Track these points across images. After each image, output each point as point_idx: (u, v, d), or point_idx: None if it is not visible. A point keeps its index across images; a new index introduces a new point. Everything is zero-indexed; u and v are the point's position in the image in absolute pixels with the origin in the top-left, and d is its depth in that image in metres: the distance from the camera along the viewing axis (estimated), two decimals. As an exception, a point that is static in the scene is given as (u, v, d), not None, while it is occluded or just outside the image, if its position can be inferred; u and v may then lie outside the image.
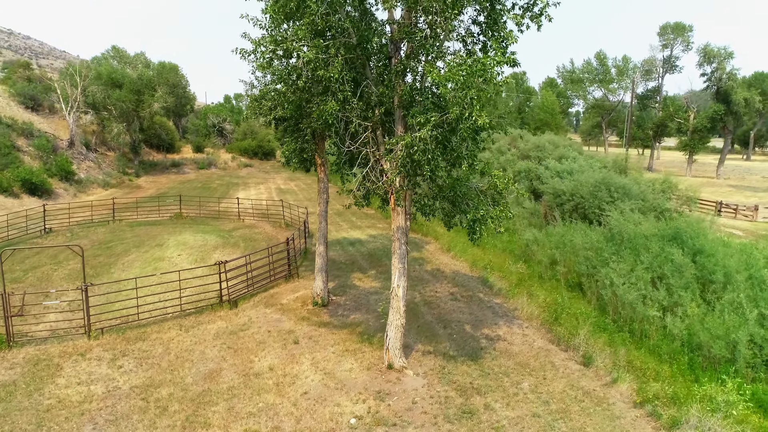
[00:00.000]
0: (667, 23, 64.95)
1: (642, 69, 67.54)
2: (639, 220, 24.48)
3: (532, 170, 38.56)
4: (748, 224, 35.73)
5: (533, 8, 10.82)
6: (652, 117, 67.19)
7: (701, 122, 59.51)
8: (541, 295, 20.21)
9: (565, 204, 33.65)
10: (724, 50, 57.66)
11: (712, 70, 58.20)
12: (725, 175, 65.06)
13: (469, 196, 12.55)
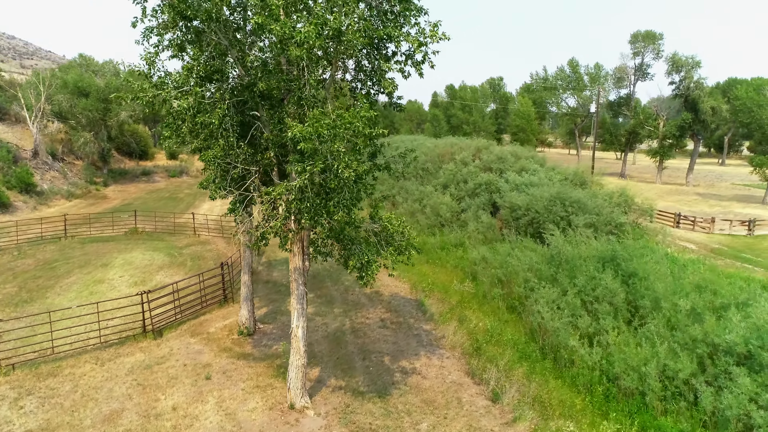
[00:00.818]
0: (638, 31, 65.36)
1: (614, 76, 67.96)
2: (581, 239, 24.57)
3: (492, 183, 38.59)
4: (704, 237, 36.02)
5: (414, 56, 10.79)
6: (624, 124, 67.61)
7: (670, 130, 59.97)
8: (474, 320, 20.21)
9: (521, 219, 33.73)
10: (692, 59, 58.13)
11: (681, 78, 58.68)
12: (695, 181, 65.63)
13: (357, 241, 12.48)
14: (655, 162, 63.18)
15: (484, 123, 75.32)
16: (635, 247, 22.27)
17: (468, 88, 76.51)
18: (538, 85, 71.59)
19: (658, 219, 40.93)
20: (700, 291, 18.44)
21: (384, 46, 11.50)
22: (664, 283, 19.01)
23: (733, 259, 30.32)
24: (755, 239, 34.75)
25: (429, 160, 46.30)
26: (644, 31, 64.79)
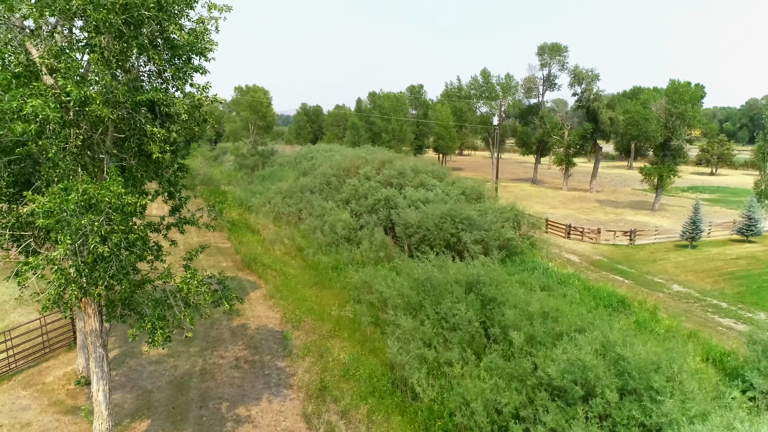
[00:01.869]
0: (545, 44, 67.98)
1: (524, 87, 70.35)
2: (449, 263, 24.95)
3: (391, 198, 38.85)
4: (590, 247, 37.70)
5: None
6: (535, 132, 70.05)
7: (573, 139, 62.70)
8: (337, 352, 20.13)
9: (413, 236, 34.13)
10: (591, 72, 61.08)
11: (582, 90, 61.47)
12: (599, 187, 69.00)
13: (146, 304, 12.00)
14: (562, 169, 65.81)
15: (402, 131, 75.96)
16: (498, 271, 22.80)
17: (388, 96, 76.96)
18: (453, 94, 73.04)
19: (551, 230, 42.67)
20: (545, 318, 19.14)
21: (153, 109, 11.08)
22: (513, 311, 19.60)
23: (609, 271, 31.85)
24: (634, 249, 36.72)
25: (335, 174, 46.11)
26: (550, 43, 67.41)
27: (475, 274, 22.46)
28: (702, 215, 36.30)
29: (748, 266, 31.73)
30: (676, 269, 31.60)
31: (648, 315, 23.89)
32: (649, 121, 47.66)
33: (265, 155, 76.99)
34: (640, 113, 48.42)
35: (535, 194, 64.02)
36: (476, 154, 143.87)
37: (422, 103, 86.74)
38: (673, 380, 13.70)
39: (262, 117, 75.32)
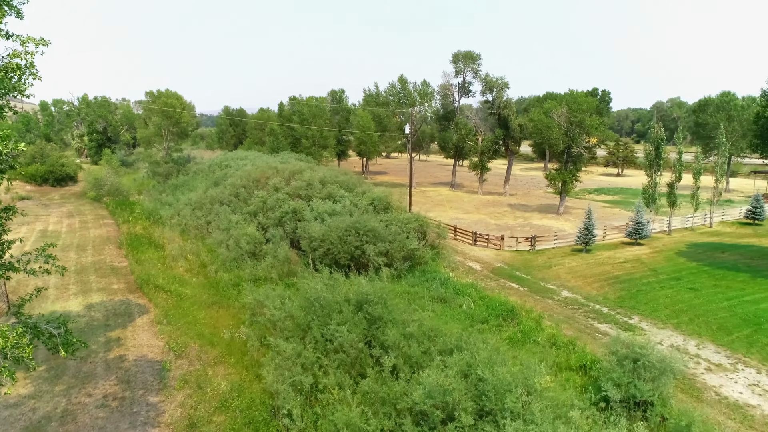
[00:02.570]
0: (459, 52, 69.69)
1: (440, 93, 71.82)
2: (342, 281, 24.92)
3: (299, 211, 38.45)
4: (494, 254, 38.92)
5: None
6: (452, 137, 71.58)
7: (486, 145, 64.65)
8: (218, 381, 19.61)
9: (317, 250, 33.87)
10: (501, 80, 63.22)
11: (493, 98, 63.48)
12: (512, 190, 71.61)
13: None
14: (477, 174, 67.68)
15: (323, 137, 75.51)
16: (385, 289, 22.94)
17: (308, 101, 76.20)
18: (371, 101, 73.43)
19: (460, 237, 43.74)
20: (423, 337, 19.49)
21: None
22: (394, 331, 19.83)
23: (507, 278, 32.99)
24: (534, 255, 38.27)
25: (244, 185, 45.05)
26: (464, 51, 69.12)
27: (363, 293, 22.48)
28: (594, 221, 38.33)
29: (632, 269, 33.83)
30: (568, 275, 33.20)
31: (533, 324, 24.86)
32: (551, 129, 49.88)
33: (180, 162, 74.22)
34: (543, 122, 50.58)
35: (451, 199, 65.53)
36: (403, 156, 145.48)
37: (344, 108, 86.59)
38: (523, 400, 14.26)
39: (175, 123, 72.47)
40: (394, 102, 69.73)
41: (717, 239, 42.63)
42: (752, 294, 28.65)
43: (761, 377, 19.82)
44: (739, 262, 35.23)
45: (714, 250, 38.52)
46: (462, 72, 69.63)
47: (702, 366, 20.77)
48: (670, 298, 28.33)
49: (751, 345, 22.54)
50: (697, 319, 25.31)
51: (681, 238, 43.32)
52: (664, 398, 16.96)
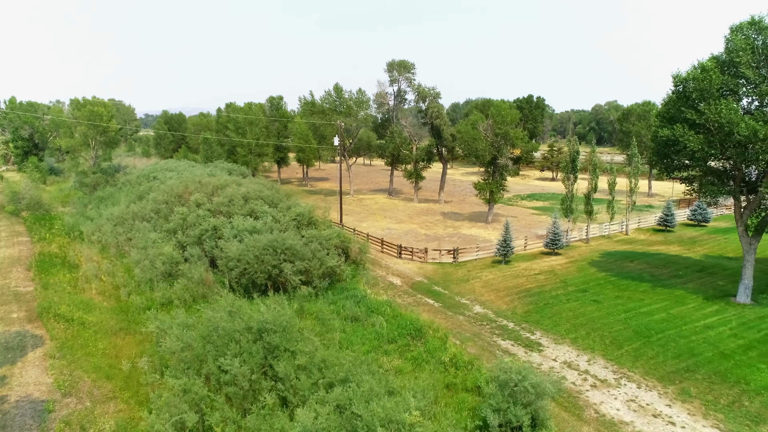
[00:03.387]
0: (393, 60, 70.27)
1: (376, 101, 72.20)
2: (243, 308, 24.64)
3: (219, 228, 37.80)
4: (417, 267, 39.42)
5: None
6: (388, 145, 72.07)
7: (420, 155, 65.47)
8: (106, 420, 19.05)
9: (234, 270, 33.37)
10: (433, 90, 64.16)
11: (426, 107, 64.35)
12: (449, 197, 72.84)
13: None
14: (412, 182, 68.44)
15: (259, 145, 74.51)
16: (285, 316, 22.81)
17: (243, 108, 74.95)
18: (306, 110, 73.09)
19: (387, 250, 44.11)
20: (318, 369, 19.55)
21: None
22: (286, 362, 19.82)
23: (424, 294, 33.50)
24: (455, 267, 39.03)
25: (166, 201, 43.88)
26: (399, 60, 69.76)
27: (263, 321, 22.32)
28: (512, 234, 39.47)
29: (545, 282, 35.04)
30: (483, 288, 34.05)
31: (439, 343, 25.35)
32: (478, 141, 51.02)
33: (108, 173, 71.58)
34: (469, 134, 51.67)
35: (387, 207, 65.99)
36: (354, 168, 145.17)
37: (282, 114, 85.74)
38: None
39: (102, 132, 69.84)
40: (329, 110, 69.52)
41: (630, 247, 44.72)
42: (649, 305, 30.21)
43: (640, 392, 20.94)
44: (644, 271, 37.08)
45: (624, 259, 40.39)
46: (397, 81, 70.22)
47: (588, 382, 21.75)
48: (573, 311, 29.51)
49: (637, 359, 23.78)
50: (593, 333, 26.48)
51: (597, 246, 45.20)
52: (542, 420, 17.66)
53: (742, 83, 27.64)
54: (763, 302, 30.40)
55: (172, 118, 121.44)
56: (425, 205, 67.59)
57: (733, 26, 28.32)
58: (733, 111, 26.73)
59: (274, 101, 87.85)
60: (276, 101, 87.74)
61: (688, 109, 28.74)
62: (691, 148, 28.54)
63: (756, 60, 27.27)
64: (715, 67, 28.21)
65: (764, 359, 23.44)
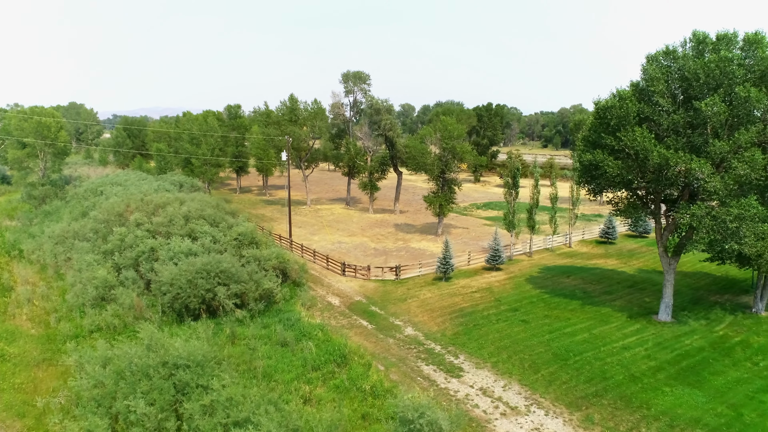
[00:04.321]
0: (348, 72, 70.53)
1: (331, 112, 72.31)
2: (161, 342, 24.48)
3: (157, 250, 37.40)
4: (359, 285, 39.63)
5: None
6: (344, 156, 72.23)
7: (374, 166, 65.83)
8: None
9: (167, 294, 33.03)
10: (386, 103, 64.59)
11: (379, 120, 64.73)
12: (405, 207, 73.36)
13: None
14: (367, 193, 68.72)
15: (214, 155, 73.84)
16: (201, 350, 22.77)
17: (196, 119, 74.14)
18: (260, 121, 72.74)
19: (332, 267, 44.27)
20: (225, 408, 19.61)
21: None
22: (193, 401, 19.83)
23: (360, 315, 33.75)
24: (396, 285, 39.39)
25: (106, 219, 43.18)
26: (354, 71, 69.99)
27: (176, 356, 22.25)
28: (453, 251, 40.06)
29: (480, 300, 35.65)
30: (418, 308, 34.47)
31: (362, 370, 25.65)
32: (426, 155, 51.58)
33: (58, 185, 70.01)
34: (417, 148, 52.19)
35: (341, 218, 66.12)
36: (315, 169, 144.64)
37: (239, 124, 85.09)
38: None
39: (50, 143, 68.26)
40: (285, 121, 69.32)
41: (570, 261, 45.82)
42: (574, 325, 31.06)
43: (546, 419, 21.56)
44: (577, 288, 38.06)
45: (561, 275, 41.38)
46: (352, 92, 70.44)
47: (499, 410, 22.29)
48: (500, 332, 30.14)
49: (551, 383, 24.46)
50: (514, 357, 27.12)
51: (539, 260, 46.18)
52: (442, 456, 18.05)
53: (657, 111, 28.63)
54: (684, 320, 31.57)
55: (132, 123, 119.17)
56: (380, 216, 67.95)
57: (650, 55, 29.36)
58: (647, 139, 27.69)
59: (231, 110, 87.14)
60: (234, 110, 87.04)
61: (608, 136, 29.67)
62: (610, 173, 29.46)
63: (670, 89, 28.32)
64: (632, 95, 29.21)
65: (670, 381, 24.38)
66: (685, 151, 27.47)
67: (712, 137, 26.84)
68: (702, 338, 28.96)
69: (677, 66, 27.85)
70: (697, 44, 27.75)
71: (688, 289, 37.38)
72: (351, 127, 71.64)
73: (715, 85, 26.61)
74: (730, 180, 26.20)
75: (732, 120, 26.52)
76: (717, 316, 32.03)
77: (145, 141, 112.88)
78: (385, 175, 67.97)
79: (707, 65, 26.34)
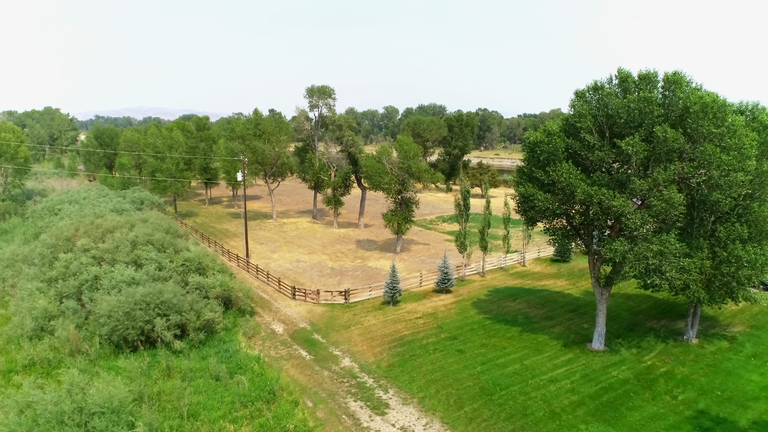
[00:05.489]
0: (313, 86, 70.51)
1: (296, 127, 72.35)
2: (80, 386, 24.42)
3: (100, 278, 37.21)
4: (306, 310, 39.70)
5: None
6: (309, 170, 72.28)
7: (337, 182, 66.01)
8: None
9: (105, 326, 32.83)
10: (348, 120, 64.78)
11: (341, 136, 64.93)
12: (372, 220, 73.58)
13: None
14: (331, 209, 68.86)
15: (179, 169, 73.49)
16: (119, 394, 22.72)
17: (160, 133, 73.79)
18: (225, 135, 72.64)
19: (283, 290, 44.34)
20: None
21: None
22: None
23: (301, 344, 33.86)
24: (343, 310, 39.56)
25: (54, 244, 42.83)
26: (318, 86, 70.05)
27: (92, 403, 22.24)
28: (399, 277, 40.35)
29: (422, 327, 35.94)
30: (360, 337, 34.70)
31: (289, 407, 25.85)
32: (383, 175, 51.87)
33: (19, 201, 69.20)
34: (374, 167, 52.46)
35: (305, 234, 66.15)
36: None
37: (206, 136, 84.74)
38: None
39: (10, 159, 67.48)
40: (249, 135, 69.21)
41: (520, 282, 46.40)
42: (508, 355, 31.50)
43: (459, 462, 21.90)
44: (521, 312, 38.58)
45: (508, 298, 41.90)
46: (317, 106, 70.53)
47: (414, 452, 22.59)
48: (434, 364, 30.48)
49: (472, 421, 24.83)
50: (442, 391, 27.46)
51: (490, 281, 46.70)
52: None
53: (585, 147, 29.17)
54: (616, 348, 32.18)
55: (104, 132, 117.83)
56: (344, 230, 68.13)
57: (578, 91, 29.92)
58: (573, 175, 28.22)
59: (200, 122, 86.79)
60: (202, 122, 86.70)
61: (538, 170, 30.17)
62: (540, 207, 29.97)
63: (598, 124, 28.87)
64: (560, 130, 29.74)
65: (587, 418, 24.89)
66: (610, 187, 28.07)
67: (635, 175, 27.43)
68: (629, 369, 29.56)
69: (602, 103, 28.39)
70: (621, 82, 28.33)
71: (628, 313, 38.09)
72: (316, 141, 71.70)
73: (636, 124, 27.19)
74: (650, 217, 26.80)
75: (651, 158, 27.13)
76: (649, 344, 32.69)
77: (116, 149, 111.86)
78: (348, 191, 68.11)
79: (628, 104, 26.92)
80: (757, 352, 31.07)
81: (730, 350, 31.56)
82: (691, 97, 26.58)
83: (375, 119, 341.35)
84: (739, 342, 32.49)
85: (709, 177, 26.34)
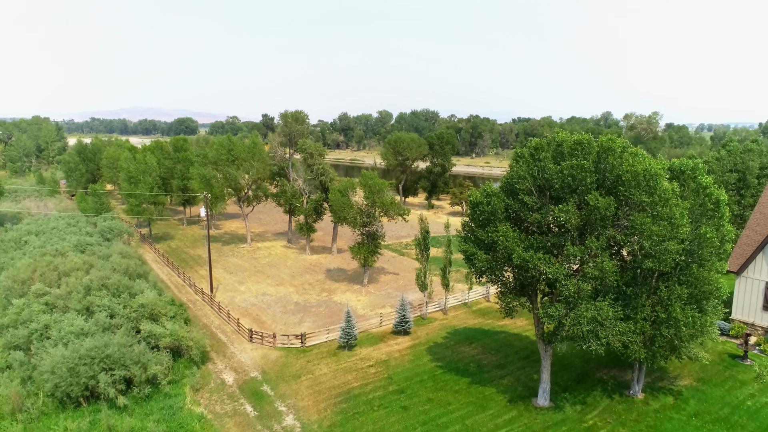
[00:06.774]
0: (287, 111, 70.53)
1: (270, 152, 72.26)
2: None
3: (51, 327, 37.01)
4: (261, 356, 39.53)
5: None
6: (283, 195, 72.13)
7: (308, 210, 65.91)
8: None
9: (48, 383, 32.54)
10: (319, 147, 64.71)
11: (312, 164, 64.85)
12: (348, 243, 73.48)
13: None
14: (304, 235, 68.75)
15: (153, 194, 73.34)
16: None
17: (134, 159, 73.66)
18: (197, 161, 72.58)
19: (239, 332, 44.19)
20: None
21: None
22: None
23: (248, 398, 33.69)
24: (297, 356, 39.40)
25: (10, 288, 42.57)
26: (293, 111, 70.01)
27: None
28: (354, 322, 40.25)
29: (372, 378, 35.75)
30: (308, 390, 34.54)
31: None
32: (347, 209, 51.78)
33: (-11, 226, 68.91)
34: (339, 201, 52.38)
35: (276, 262, 66.01)
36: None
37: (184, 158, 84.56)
38: None
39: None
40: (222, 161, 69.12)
41: (480, 322, 46.33)
42: (451, 412, 31.38)
43: None
44: (474, 359, 38.49)
45: (465, 341, 41.81)
46: (291, 132, 70.45)
47: None
48: (375, 423, 30.35)
49: (400, 494, 24.70)
50: (377, 457, 27.35)
51: (452, 319, 46.65)
52: None
53: (524, 208, 29.11)
54: (561, 404, 32.13)
55: (86, 147, 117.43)
56: (316, 258, 68.03)
57: (517, 152, 29.90)
58: (509, 238, 28.17)
59: (178, 142, 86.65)
60: (180, 142, 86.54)
61: (479, 229, 30.12)
62: (479, 267, 29.94)
63: (537, 186, 28.81)
64: (500, 191, 29.70)
65: (516, 492, 24.79)
66: (548, 250, 28.03)
67: (569, 241, 27.39)
68: (569, 430, 29.49)
69: (540, 167, 28.34)
70: (557, 147, 28.30)
71: (580, 361, 38.04)
72: (290, 167, 71.61)
73: (570, 189, 27.15)
74: (584, 284, 26.75)
75: (586, 225, 27.09)
76: (594, 400, 32.65)
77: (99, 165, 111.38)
78: (321, 218, 68.03)
79: (562, 171, 26.87)
80: (699, 411, 31.04)
81: (674, 408, 31.52)
82: (623, 165, 26.54)
83: (369, 123, 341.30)
84: (684, 398, 32.45)
85: (641, 246, 26.30)
